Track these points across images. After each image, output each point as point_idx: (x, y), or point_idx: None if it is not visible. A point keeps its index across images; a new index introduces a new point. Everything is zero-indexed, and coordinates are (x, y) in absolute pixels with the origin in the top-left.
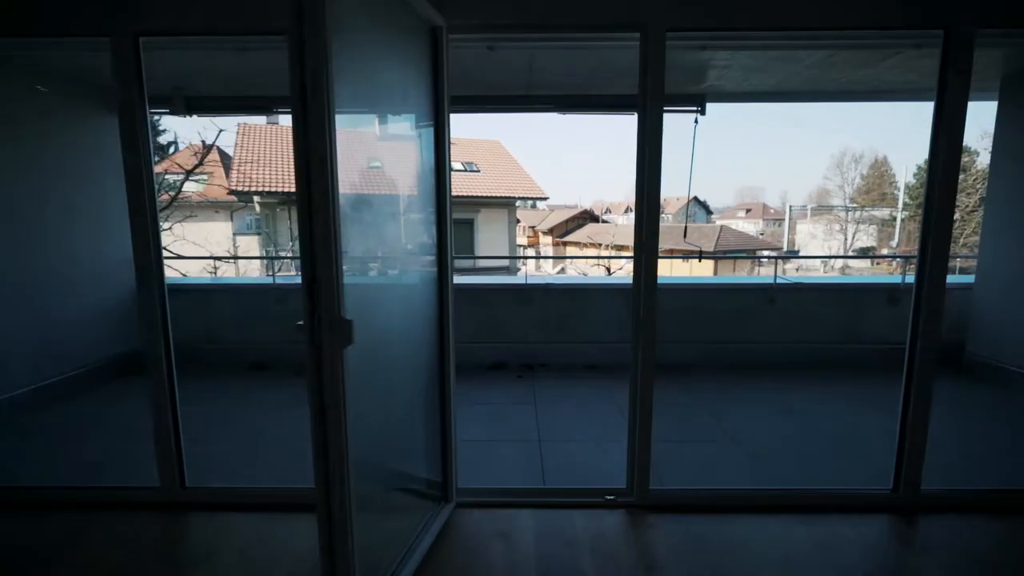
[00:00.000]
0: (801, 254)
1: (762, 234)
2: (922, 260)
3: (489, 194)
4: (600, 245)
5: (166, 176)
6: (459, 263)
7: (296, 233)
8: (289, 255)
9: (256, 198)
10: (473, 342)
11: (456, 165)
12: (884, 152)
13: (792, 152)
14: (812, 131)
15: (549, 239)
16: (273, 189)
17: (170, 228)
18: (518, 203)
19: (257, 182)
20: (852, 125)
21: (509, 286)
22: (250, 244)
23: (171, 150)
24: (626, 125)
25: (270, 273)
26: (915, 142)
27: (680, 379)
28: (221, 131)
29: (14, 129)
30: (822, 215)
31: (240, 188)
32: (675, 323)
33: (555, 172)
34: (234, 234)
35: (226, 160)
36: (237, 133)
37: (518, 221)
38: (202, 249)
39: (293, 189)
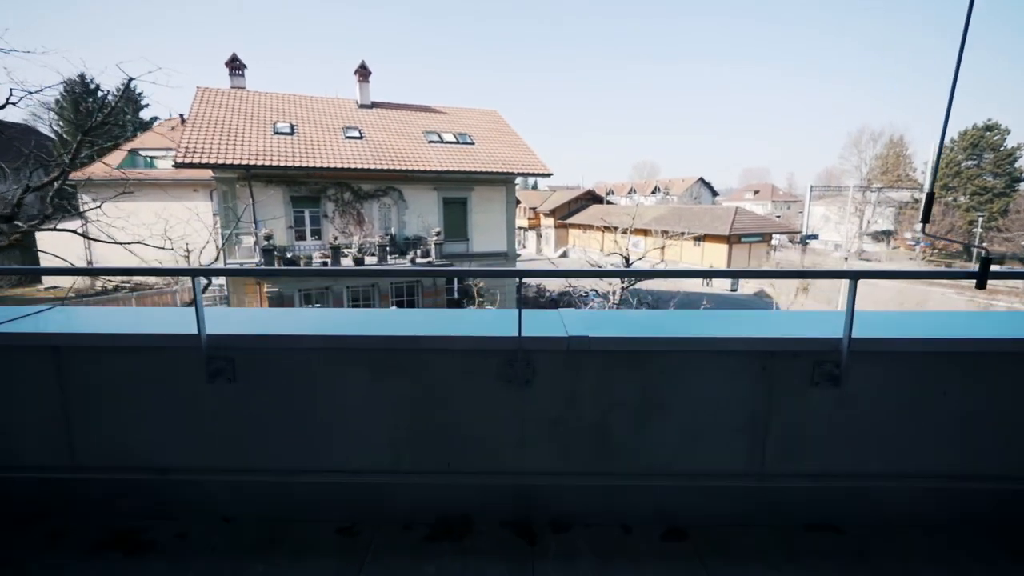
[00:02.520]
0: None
1: (779, 216)
2: None
3: (484, 169)
4: (616, 229)
5: (139, 154)
6: (451, 248)
7: (258, 212)
8: (254, 237)
9: (212, 172)
10: (380, 471)
11: (447, 136)
12: (902, 131)
13: (801, 131)
14: (825, 106)
15: (551, 221)
16: (229, 162)
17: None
18: (518, 181)
19: (211, 153)
20: (870, 100)
21: (484, 344)
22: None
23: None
24: (630, 103)
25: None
26: (941, 119)
27: None
28: None
29: None
30: (835, 197)
31: (189, 160)
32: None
33: (555, 150)
34: (214, 214)
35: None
36: (195, 99)
37: (517, 203)
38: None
39: (254, 161)
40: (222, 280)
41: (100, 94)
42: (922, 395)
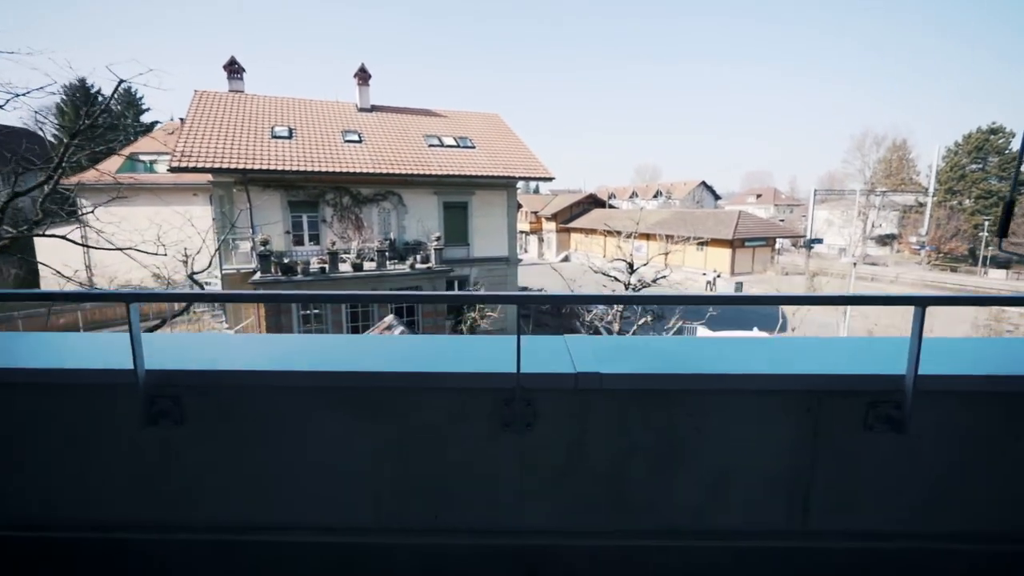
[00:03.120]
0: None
1: (782, 220)
2: None
3: (485, 173)
4: (619, 233)
5: (139, 158)
6: (451, 253)
7: (256, 217)
8: (251, 243)
9: (209, 177)
10: (357, 529)
11: (448, 140)
12: (905, 134)
13: (802, 131)
14: (826, 106)
15: (553, 225)
16: (226, 166)
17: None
18: (519, 185)
19: (207, 158)
20: (871, 100)
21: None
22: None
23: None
24: (630, 103)
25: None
26: (943, 120)
27: None
28: None
29: None
30: (838, 201)
31: (184, 164)
32: None
33: (556, 151)
34: (213, 219)
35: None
36: (192, 102)
37: (519, 207)
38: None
39: (251, 165)
40: (217, 283)
41: (97, 96)
42: (1002, 442)
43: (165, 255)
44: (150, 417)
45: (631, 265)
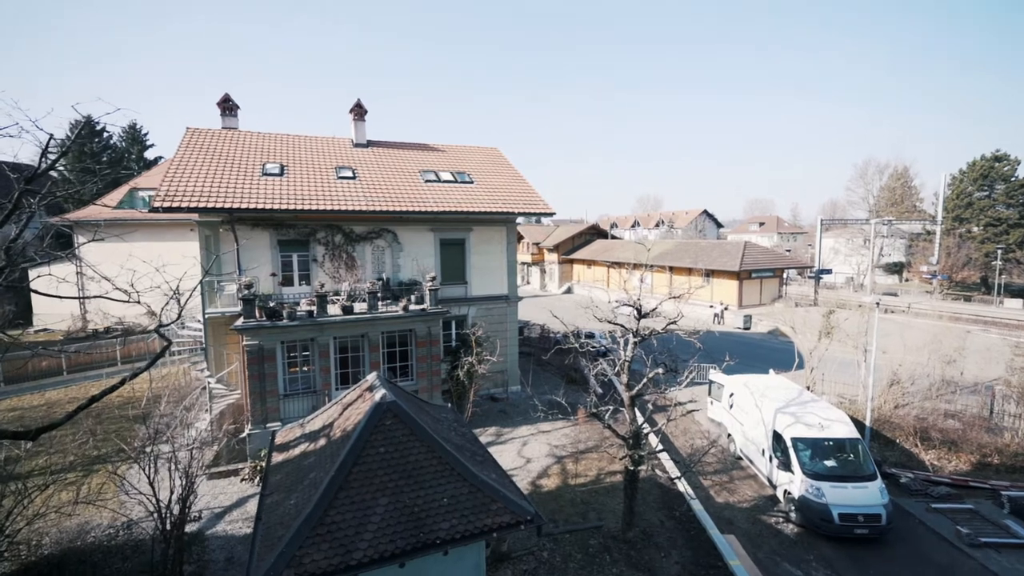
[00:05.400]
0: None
1: (788, 250)
2: None
3: (484, 209)
4: (623, 265)
5: (139, 193)
6: (448, 292)
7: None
8: (239, 285)
9: (196, 216)
10: None
11: (445, 175)
12: (908, 161)
13: (803, 162)
14: (828, 137)
15: (555, 256)
16: (212, 205)
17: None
18: (520, 219)
19: (193, 197)
20: (874, 131)
21: None
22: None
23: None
24: (628, 128)
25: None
26: (947, 148)
27: None
28: None
29: None
30: (843, 229)
31: (168, 204)
32: None
33: (557, 183)
34: (195, 259)
35: None
36: (183, 139)
37: (520, 238)
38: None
39: (239, 204)
40: (199, 326)
41: (102, 132)
42: None
43: (137, 302)
44: None
45: (639, 311)
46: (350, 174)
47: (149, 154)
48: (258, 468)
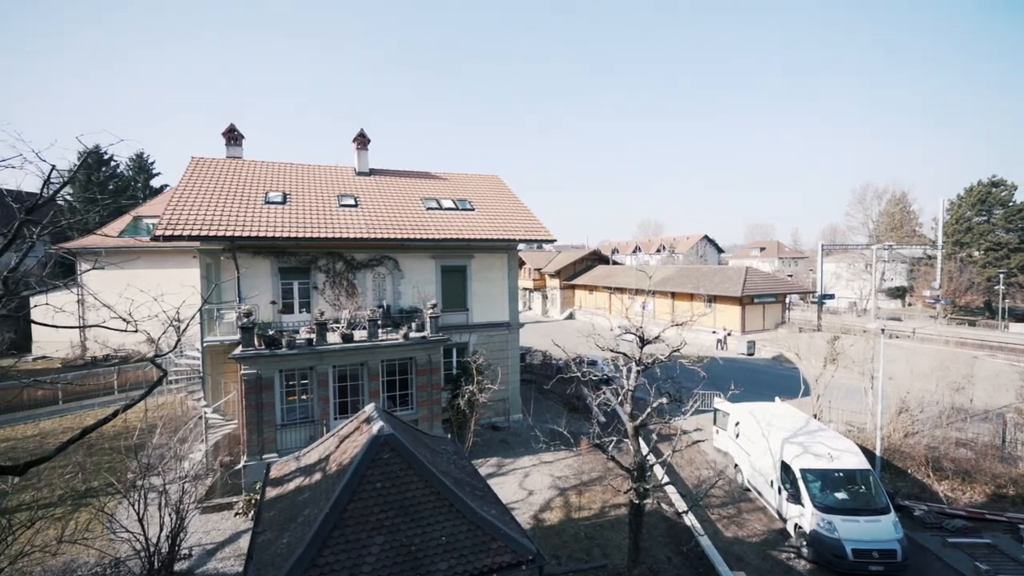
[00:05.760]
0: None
1: (790, 275)
2: None
3: (485, 236)
4: (624, 291)
5: (143, 221)
6: (449, 319)
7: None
8: (238, 314)
9: (198, 244)
10: None
11: (446, 202)
12: (905, 187)
13: (803, 187)
14: (825, 163)
15: (556, 282)
16: (214, 233)
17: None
18: (521, 246)
19: (195, 225)
20: (870, 156)
21: None
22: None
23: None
24: (628, 157)
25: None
26: (946, 175)
27: None
28: None
29: None
30: (844, 254)
31: (170, 233)
32: None
33: (558, 209)
34: (194, 287)
35: None
36: (187, 168)
37: (521, 264)
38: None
39: (240, 232)
40: (197, 355)
41: (110, 162)
42: None
43: (135, 331)
44: None
45: (642, 339)
46: (352, 202)
47: (156, 182)
48: (252, 502)
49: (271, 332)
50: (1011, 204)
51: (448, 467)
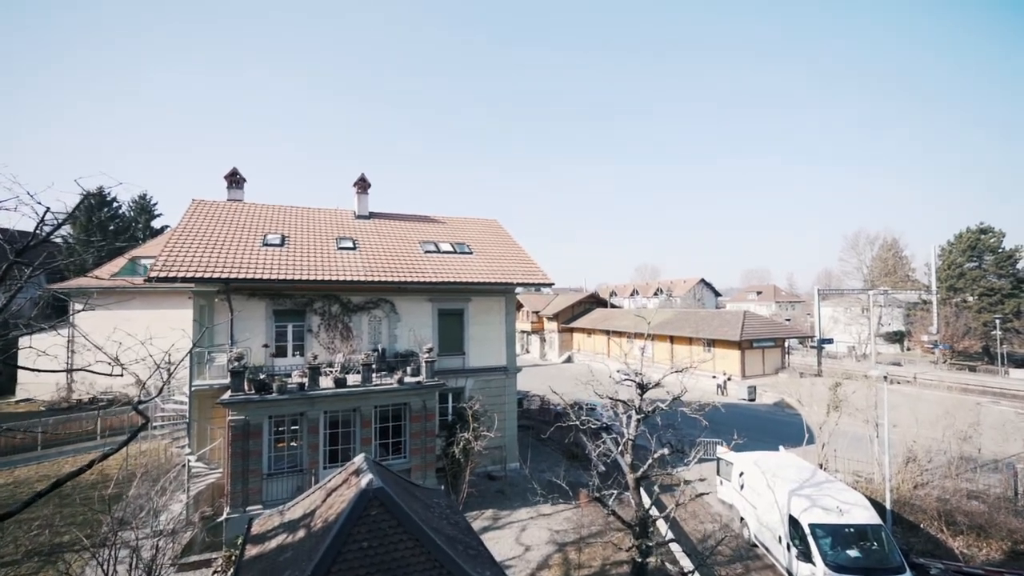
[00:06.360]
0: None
1: (788, 320)
2: None
3: (482, 280)
4: (623, 334)
5: (140, 261)
6: (446, 363)
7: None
8: (229, 356)
9: (193, 286)
10: None
11: (444, 246)
12: (896, 233)
13: (797, 231)
14: (818, 209)
15: (555, 325)
16: (209, 275)
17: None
18: (519, 289)
19: (190, 267)
20: (862, 202)
21: None
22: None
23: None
24: (628, 200)
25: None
26: (932, 219)
27: None
28: None
29: None
30: (840, 298)
31: (165, 274)
32: None
33: (556, 252)
34: (183, 331)
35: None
36: (187, 211)
37: (520, 307)
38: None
39: (236, 274)
40: (185, 400)
41: (112, 202)
42: None
43: (121, 375)
44: None
45: (642, 386)
46: (350, 245)
47: (157, 223)
48: (233, 559)
49: (262, 376)
50: (1000, 250)
51: (440, 523)
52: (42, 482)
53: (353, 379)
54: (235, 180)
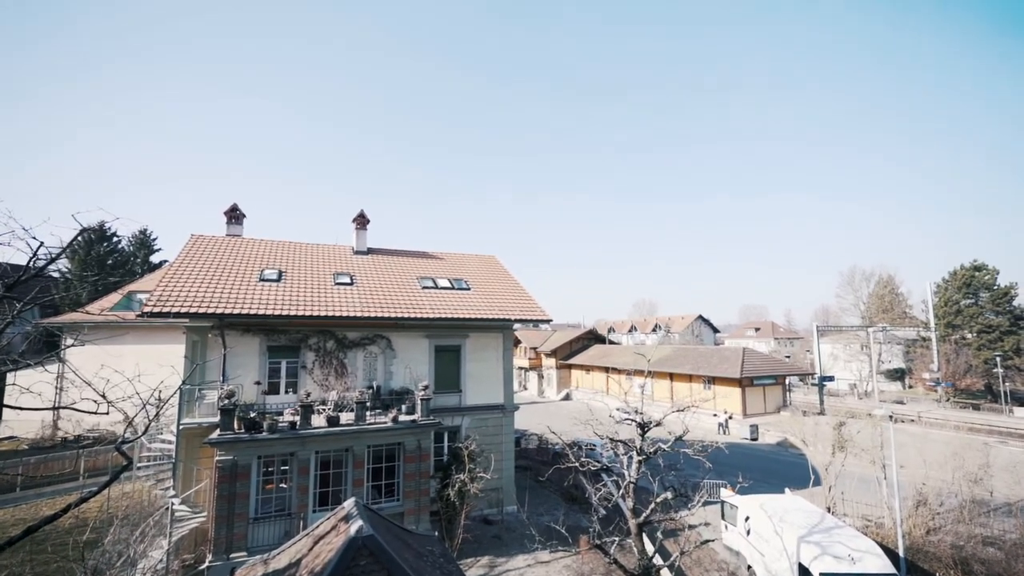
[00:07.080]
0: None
1: (788, 356)
2: None
3: (480, 316)
4: (621, 371)
5: (136, 295)
6: (442, 401)
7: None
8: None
9: (186, 321)
10: None
11: (442, 281)
12: (891, 269)
13: (794, 268)
14: (815, 246)
15: (553, 361)
16: (203, 310)
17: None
18: (516, 325)
19: (184, 302)
20: (856, 239)
21: None
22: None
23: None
24: (625, 238)
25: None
26: (927, 255)
27: None
28: None
29: None
30: (839, 335)
31: (159, 310)
32: None
33: (554, 288)
34: (172, 367)
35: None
36: (185, 245)
37: (517, 343)
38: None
39: (231, 310)
40: (172, 439)
41: (112, 238)
42: None
43: (106, 413)
44: None
45: (643, 427)
46: (348, 280)
47: (156, 258)
48: None
49: (253, 414)
50: (996, 288)
51: (433, 573)
52: (18, 527)
53: (346, 417)
54: (235, 216)
